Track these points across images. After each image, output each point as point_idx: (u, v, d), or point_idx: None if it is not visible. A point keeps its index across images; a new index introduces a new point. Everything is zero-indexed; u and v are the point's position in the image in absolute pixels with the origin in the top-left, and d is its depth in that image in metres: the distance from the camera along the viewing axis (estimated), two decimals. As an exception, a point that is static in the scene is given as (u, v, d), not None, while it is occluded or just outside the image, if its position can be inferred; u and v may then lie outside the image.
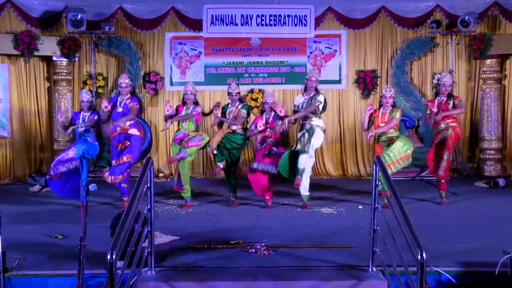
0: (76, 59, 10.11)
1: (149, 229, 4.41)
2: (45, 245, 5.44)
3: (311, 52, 10.53)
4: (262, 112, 7.61)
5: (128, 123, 7.31)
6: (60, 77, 9.95)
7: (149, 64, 10.55)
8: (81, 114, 7.51)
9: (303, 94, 7.43)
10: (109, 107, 7.40)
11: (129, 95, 7.46)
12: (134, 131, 7.35)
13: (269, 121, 7.36)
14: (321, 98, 7.28)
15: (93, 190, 4.29)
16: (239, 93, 7.72)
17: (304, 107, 7.26)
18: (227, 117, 7.56)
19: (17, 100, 9.95)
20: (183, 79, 10.49)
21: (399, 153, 6.99)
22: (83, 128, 7.39)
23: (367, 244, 4.62)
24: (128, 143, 7.30)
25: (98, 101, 10.43)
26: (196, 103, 7.53)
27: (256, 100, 10.47)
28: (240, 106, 7.56)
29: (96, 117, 7.49)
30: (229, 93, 7.71)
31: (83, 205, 4.16)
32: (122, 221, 3.47)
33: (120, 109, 7.39)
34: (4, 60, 9.78)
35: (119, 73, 10.49)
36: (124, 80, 7.48)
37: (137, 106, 7.38)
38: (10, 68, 9.82)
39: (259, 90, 10.51)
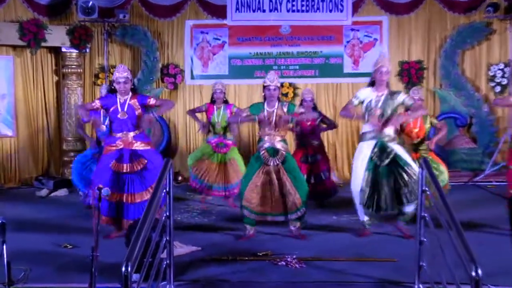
0: (87, 50, 10.25)
1: (167, 238, 4.44)
2: (54, 255, 5.53)
3: (348, 41, 10.47)
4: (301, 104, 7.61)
5: (131, 134, 6.04)
6: (69, 70, 10.08)
7: (168, 55, 10.64)
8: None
9: (372, 89, 6.09)
10: (99, 122, 7.16)
11: (130, 93, 6.08)
12: (142, 146, 6.07)
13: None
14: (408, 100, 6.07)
15: (106, 194, 4.35)
16: (279, 87, 6.14)
17: (380, 106, 6.00)
18: (263, 121, 6.10)
19: (23, 95, 10.12)
20: (205, 72, 10.55)
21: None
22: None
23: (412, 257, 4.56)
24: (145, 161, 5.99)
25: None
26: (226, 102, 7.81)
27: (286, 95, 10.46)
28: (285, 108, 6.14)
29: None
30: (265, 86, 6.12)
31: (94, 210, 4.21)
32: (138, 230, 3.50)
33: (123, 115, 6.00)
34: (9, 52, 9.96)
35: (135, 65, 10.62)
36: (122, 74, 6.02)
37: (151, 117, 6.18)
38: (15, 60, 10.00)
39: (290, 84, 10.50)
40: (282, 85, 10.46)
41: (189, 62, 10.62)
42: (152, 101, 6.10)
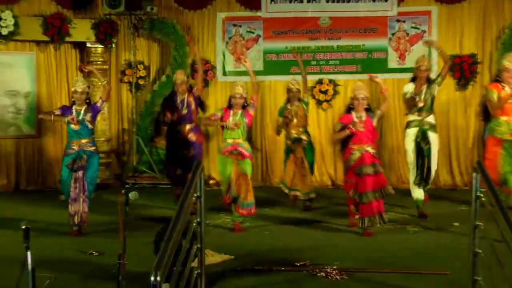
0: (113, 45, 10.38)
1: (199, 246, 4.45)
2: (79, 263, 5.61)
3: (393, 34, 10.36)
4: (348, 109, 7.00)
5: (188, 127, 7.97)
6: (94, 66, 10.14)
7: (198, 50, 10.66)
8: (74, 108, 7.05)
9: (414, 84, 7.67)
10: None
11: (186, 92, 8.05)
12: (195, 137, 8.03)
13: (363, 121, 6.77)
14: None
15: (133, 199, 4.38)
16: (299, 90, 8.27)
17: (422, 98, 7.62)
18: (285, 118, 8.16)
19: (46, 93, 10.29)
20: (238, 68, 10.56)
21: None
22: (79, 126, 7.00)
23: (466, 270, 4.49)
24: (193, 151, 7.87)
25: (138, 95, 10.69)
26: (244, 107, 7.16)
27: (325, 92, 10.40)
28: (304, 106, 8.26)
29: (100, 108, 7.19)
30: (289, 89, 8.29)
31: (121, 215, 4.25)
32: (168, 237, 3.51)
33: (185, 111, 8.01)
34: (32, 48, 10.15)
35: (163, 61, 10.70)
36: (180, 76, 8.12)
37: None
38: (38, 56, 10.18)
39: (330, 81, 10.44)
40: (321, 81, 10.44)
41: (221, 57, 10.65)
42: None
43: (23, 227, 3.82)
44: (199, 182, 4.35)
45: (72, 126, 6.96)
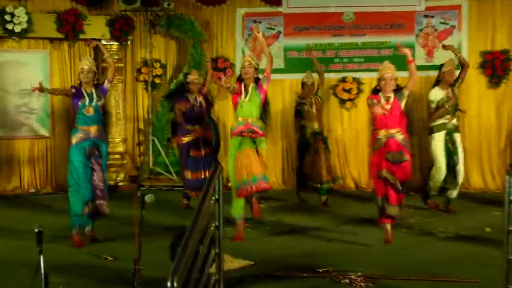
0: (129, 42, 10.45)
1: (217, 251, 4.46)
2: (93, 268, 5.66)
3: (420, 30, 10.30)
4: (375, 91, 6.63)
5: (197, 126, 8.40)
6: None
7: (217, 47, 10.73)
8: (84, 91, 6.85)
9: (438, 88, 8.20)
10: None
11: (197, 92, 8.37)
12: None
13: (391, 104, 6.43)
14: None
15: (149, 202, 4.40)
16: (314, 83, 8.78)
17: (450, 103, 8.10)
18: (306, 113, 8.60)
19: (60, 92, 10.38)
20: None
21: None
22: (93, 110, 6.82)
23: (498, 279, 4.46)
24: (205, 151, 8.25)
25: (154, 94, 10.74)
26: (258, 80, 6.86)
27: (349, 91, 10.38)
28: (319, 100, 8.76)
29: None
30: (303, 83, 8.75)
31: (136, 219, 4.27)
32: (185, 241, 3.53)
33: (198, 109, 8.34)
34: (46, 46, 10.25)
35: (180, 59, 10.74)
36: (194, 76, 8.46)
37: None
38: (52, 54, 10.27)
39: (353, 79, 10.42)
40: (345, 80, 10.40)
41: (240, 55, 10.66)
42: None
43: (36, 230, 3.85)
44: (217, 185, 4.36)
45: (85, 111, 6.78)
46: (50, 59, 10.26)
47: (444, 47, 8.87)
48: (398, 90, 6.52)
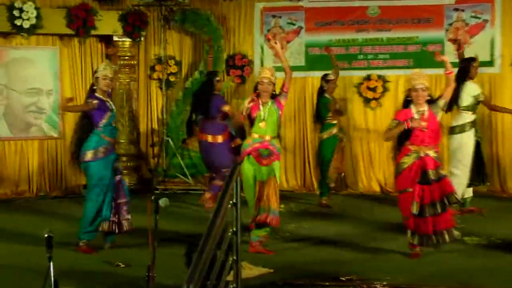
0: (142, 38, 10.48)
1: (234, 258, 4.44)
2: (105, 275, 5.66)
3: (450, 24, 10.22)
4: (406, 103, 6.46)
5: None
6: (122, 62, 10.26)
7: (234, 43, 10.73)
8: (106, 100, 6.77)
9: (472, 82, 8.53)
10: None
11: None
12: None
13: (427, 119, 6.17)
14: None
15: (164, 206, 4.41)
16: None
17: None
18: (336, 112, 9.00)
19: (70, 91, 10.40)
20: (278, 63, 10.52)
21: None
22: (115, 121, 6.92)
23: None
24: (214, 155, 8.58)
25: (169, 92, 10.75)
26: (274, 96, 6.64)
27: (374, 90, 10.32)
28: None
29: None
30: (329, 80, 9.03)
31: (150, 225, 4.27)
32: (201, 247, 3.51)
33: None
34: (55, 42, 10.32)
35: (196, 56, 10.76)
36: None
37: None
38: (62, 51, 10.34)
39: (378, 77, 10.37)
40: (369, 78, 10.34)
41: (258, 51, 10.67)
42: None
43: (46, 235, 3.87)
44: (235, 188, 4.34)
45: (113, 122, 6.76)
46: (59, 56, 10.33)
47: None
48: (431, 101, 6.28)
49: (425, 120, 6.13)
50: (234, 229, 4.45)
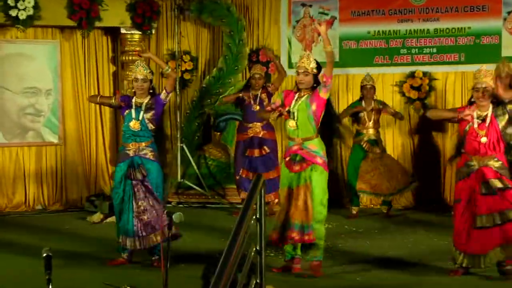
0: (153, 31, 10.53)
1: (258, 281, 4.47)
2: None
3: (508, 13, 10.15)
4: (470, 104, 6.43)
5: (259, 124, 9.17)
6: (130, 57, 10.30)
7: (258, 37, 10.76)
8: (133, 100, 7.02)
9: None
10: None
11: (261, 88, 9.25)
12: (267, 135, 9.22)
13: (487, 126, 6.25)
14: None
15: (178, 221, 4.44)
16: (374, 87, 9.54)
17: None
18: (363, 119, 9.39)
19: (72, 91, 10.53)
20: (307, 58, 10.56)
21: None
22: (139, 125, 6.96)
23: None
24: (267, 149, 9.11)
25: (184, 92, 10.80)
26: (313, 87, 6.53)
27: (418, 89, 10.27)
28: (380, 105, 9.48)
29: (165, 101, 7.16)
30: (362, 86, 9.47)
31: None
32: (220, 269, 3.54)
33: (256, 107, 9.10)
34: (55, 35, 10.40)
35: (214, 50, 10.81)
36: (259, 71, 9.30)
37: None
38: (63, 45, 10.42)
39: (424, 74, 10.31)
40: (413, 75, 10.30)
41: (285, 45, 10.69)
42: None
43: (44, 254, 3.91)
44: (258, 201, 4.36)
45: (131, 124, 6.92)
46: (60, 51, 10.39)
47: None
48: (497, 104, 6.30)
49: (484, 128, 6.21)
50: (258, 247, 4.48)
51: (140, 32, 10.37)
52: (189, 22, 10.84)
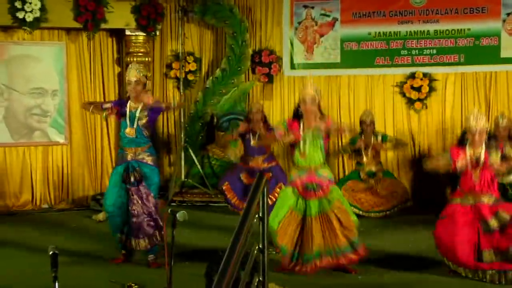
0: (158, 33, 10.54)
1: (260, 279, 4.48)
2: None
3: (508, 14, 10.14)
4: (462, 139, 6.65)
5: (261, 158, 8.54)
6: (135, 59, 10.28)
7: (260, 38, 10.78)
8: (128, 105, 6.92)
9: None
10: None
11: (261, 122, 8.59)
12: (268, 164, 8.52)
13: (481, 167, 6.25)
14: None
15: (182, 220, 4.46)
16: (373, 122, 9.52)
17: None
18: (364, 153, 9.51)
19: (78, 91, 10.54)
20: (309, 60, 10.58)
21: None
22: (134, 133, 6.85)
23: None
24: (270, 174, 8.09)
25: (187, 92, 10.82)
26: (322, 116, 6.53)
27: (418, 90, 10.25)
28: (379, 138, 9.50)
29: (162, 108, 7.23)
30: (362, 121, 9.49)
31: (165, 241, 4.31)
32: (223, 267, 3.55)
33: (255, 142, 8.42)
34: (61, 37, 10.42)
35: (217, 51, 10.82)
36: (257, 105, 8.85)
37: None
38: (69, 47, 10.43)
39: (424, 75, 10.30)
40: (414, 76, 10.30)
41: (288, 46, 10.69)
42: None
43: (51, 252, 3.93)
44: (261, 200, 4.38)
45: (127, 131, 6.84)
46: (66, 52, 10.41)
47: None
48: (490, 141, 6.31)
49: (478, 168, 6.21)
50: (260, 246, 4.49)
51: (144, 34, 10.39)
52: (193, 23, 10.86)
